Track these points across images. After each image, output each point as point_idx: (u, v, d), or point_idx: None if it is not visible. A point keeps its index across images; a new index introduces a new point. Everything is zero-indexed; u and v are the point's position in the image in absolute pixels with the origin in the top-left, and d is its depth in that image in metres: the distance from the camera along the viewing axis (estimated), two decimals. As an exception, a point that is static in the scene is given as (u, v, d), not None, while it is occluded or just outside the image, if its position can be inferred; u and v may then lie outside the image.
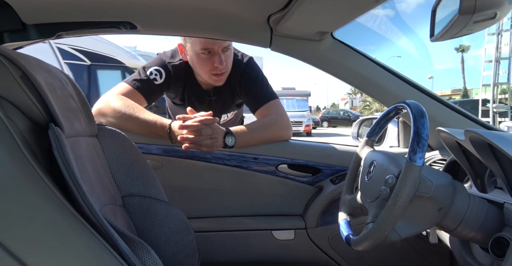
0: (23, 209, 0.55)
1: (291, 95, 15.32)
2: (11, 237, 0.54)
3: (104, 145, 0.94)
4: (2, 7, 0.86)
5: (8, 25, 0.89)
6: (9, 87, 0.61)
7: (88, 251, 0.57)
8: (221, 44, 1.16)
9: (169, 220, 0.95)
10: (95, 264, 0.57)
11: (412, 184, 0.67)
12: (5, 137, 0.57)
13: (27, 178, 0.56)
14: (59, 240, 0.56)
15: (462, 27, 0.54)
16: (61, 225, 0.56)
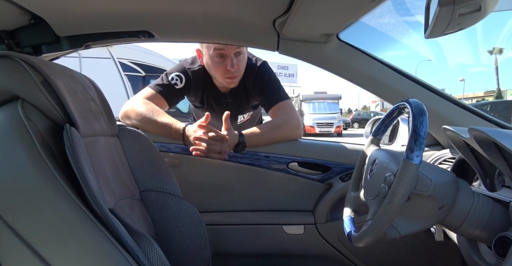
0: (36, 202, 0.58)
1: (323, 99, 15.41)
2: (24, 226, 0.57)
3: (124, 144, 0.96)
4: (39, 23, 0.91)
5: (44, 38, 0.95)
6: (30, 91, 0.64)
7: (92, 242, 0.58)
8: (232, 49, 1.17)
9: (182, 214, 0.96)
10: (98, 253, 0.58)
11: (408, 182, 0.63)
12: (24, 136, 0.60)
13: (41, 173, 0.58)
14: (66, 230, 0.58)
15: (448, 21, 0.50)
16: (68, 217, 0.58)
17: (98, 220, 0.61)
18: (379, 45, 1.15)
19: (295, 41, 1.02)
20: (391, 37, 27.26)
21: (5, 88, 0.64)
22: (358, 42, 1.05)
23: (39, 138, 0.62)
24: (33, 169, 0.59)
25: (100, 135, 0.85)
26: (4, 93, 0.64)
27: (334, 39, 1.02)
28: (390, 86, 1.04)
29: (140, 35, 0.99)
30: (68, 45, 0.99)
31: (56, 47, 0.98)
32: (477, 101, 21.87)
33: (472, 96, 29.62)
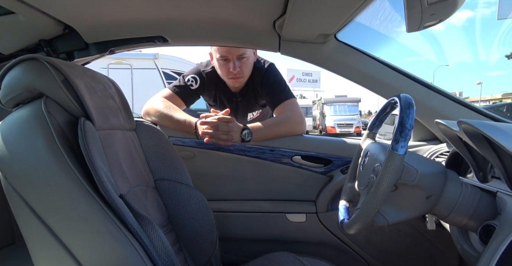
0: (51, 185, 0.59)
1: (343, 102, 15.41)
2: (40, 205, 0.58)
3: (141, 137, 0.98)
4: (71, 32, 0.96)
5: (75, 45, 0.99)
6: (52, 88, 0.66)
7: (99, 222, 0.59)
8: (235, 53, 1.17)
9: (191, 201, 0.96)
10: (103, 232, 0.59)
11: (393, 171, 0.59)
12: (44, 128, 0.62)
13: (56, 160, 0.60)
14: (76, 211, 0.59)
15: (420, 12, 0.45)
16: (78, 200, 0.59)
17: (105, 203, 0.62)
18: (398, 52, 1.09)
19: (295, 42, 0.99)
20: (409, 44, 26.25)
21: (32, 87, 0.66)
22: (378, 52, 1.01)
23: (58, 130, 0.64)
24: (49, 156, 0.61)
25: (118, 129, 0.86)
26: (32, 91, 0.67)
27: (332, 39, 0.98)
28: (386, 83, 0.98)
29: (155, 40, 1.00)
30: (95, 51, 1.02)
31: (86, 53, 1.02)
32: (493, 103, 20.35)
33: (490, 99, 27.55)
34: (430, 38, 35.55)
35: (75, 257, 0.58)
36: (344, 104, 15.29)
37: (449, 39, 50.12)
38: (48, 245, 0.58)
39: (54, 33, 0.92)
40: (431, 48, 49.48)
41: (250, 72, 1.25)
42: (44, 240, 0.59)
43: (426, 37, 32.78)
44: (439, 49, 49.82)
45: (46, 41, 0.92)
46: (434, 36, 37.63)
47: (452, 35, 61.05)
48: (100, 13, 0.87)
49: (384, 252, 1.11)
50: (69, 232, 0.59)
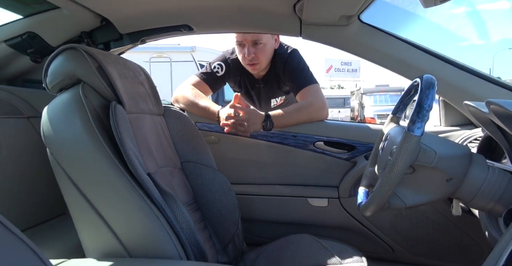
0: (87, 161, 0.66)
1: (384, 91, 14.41)
2: (79, 178, 0.66)
3: (169, 122, 1.04)
4: (107, 24, 1.04)
5: (111, 36, 1.08)
6: (88, 74, 0.74)
7: (128, 195, 0.66)
8: (249, 38, 1.18)
9: (215, 182, 1.01)
10: (132, 204, 0.66)
11: (408, 152, 0.58)
12: (81, 111, 0.69)
13: (91, 139, 0.67)
14: (108, 185, 0.66)
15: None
16: (110, 175, 0.66)
17: (133, 179, 0.68)
18: (452, 35, 1.01)
19: (316, 25, 0.98)
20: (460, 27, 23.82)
21: (72, 73, 0.74)
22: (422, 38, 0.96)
23: (93, 112, 0.72)
24: (86, 135, 0.68)
25: (146, 113, 0.94)
26: (72, 77, 0.75)
27: (356, 21, 0.95)
28: (414, 66, 0.94)
29: (181, 29, 1.05)
30: (128, 41, 1.10)
31: (120, 43, 1.10)
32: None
33: None
34: (491, 21, 31.70)
35: (110, 225, 0.66)
36: (386, 94, 14.30)
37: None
38: (87, 214, 0.67)
39: (93, 25, 1.01)
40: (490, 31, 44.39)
41: (268, 59, 1.26)
42: (84, 209, 0.67)
43: (486, 20, 29.34)
44: (499, 31, 44.33)
45: (86, 33, 1.02)
46: (494, 19, 33.43)
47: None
48: (132, 5, 0.94)
49: (410, 239, 1.09)
50: (104, 203, 0.67)
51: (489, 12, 27.10)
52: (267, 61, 1.26)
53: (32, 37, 0.97)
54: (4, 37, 0.96)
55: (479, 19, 28.36)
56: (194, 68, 5.06)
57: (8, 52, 0.99)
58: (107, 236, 0.66)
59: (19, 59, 1.03)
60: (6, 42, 0.97)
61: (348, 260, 0.90)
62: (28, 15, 0.94)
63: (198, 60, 5.22)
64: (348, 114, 15.11)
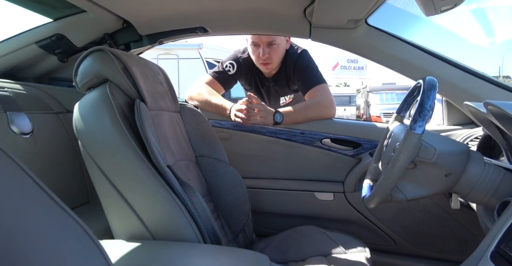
0: (115, 153, 0.72)
1: (391, 90, 14.09)
2: (108, 168, 0.72)
3: (184, 119, 1.10)
4: (128, 26, 1.10)
5: (132, 37, 1.14)
6: (114, 74, 0.80)
7: (151, 184, 0.72)
8: (265, 40, 1.23)
9: (227, 176, 1.06)
10: (155, 192, 0.72)
11: (410, 149, 0.63)
12: (109, 107, 0.76)
13: (118, 133, 0.73)
14: (134, 175, 0.72)
15: (429, 2, 0.47)
16: (135, 166, 0.72)
17: (156, 170, 0.74)
18: (459, 33, 1.03)
19: (325, 28, 1.02)
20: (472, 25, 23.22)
21: (99, 73, 0.80)
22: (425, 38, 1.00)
23: (119, 109, 0.78)
24: (113, 129, 0.74)
25: (165, 110, 1.00)
26: (99, 77, 0.82)
27: (363, 24, 0.99)
28: (419, 67, 0.97)
29: (197, 30, 1.11)
30: (147, 42, 1.16)
31: (140, 44, 1.16)
32: None
33: None
34: (497, 17, 30.56)
35: (136, 211, 0.72)
36: (392, 92, 13.99)
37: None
38: (115, 201, 0.73)
39: (115, 28, 1.07)
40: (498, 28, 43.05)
41: (280, 59, 1.31)
42: (112, 197, 0.73)
43: (497, 18, 28.30)
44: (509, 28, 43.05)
45: (109, 34, 1.08)
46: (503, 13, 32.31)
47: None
48: (152, 8, 1.00)
49: (412, 232, 1.13)
50: (130, 191, 0.73)
51: (497, 9, 26.36)
52: (279, 60, 1.31)
53: (60, 39, 1.03)
54: (36, 38, 1.03)
55: (486, 17, 27.69)
56: (201, 65, 5.12)
57: (38, 53, 1.06)
58: (133, 221, 0.72)
59: (47, 59, 1.10)
60: (36, 44, 1.04)
61: (352, 250, 0.96)
62: (57, 19, 1.01)
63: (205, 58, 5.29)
64: (353, 113, 14.91)
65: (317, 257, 0.95)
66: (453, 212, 1.05)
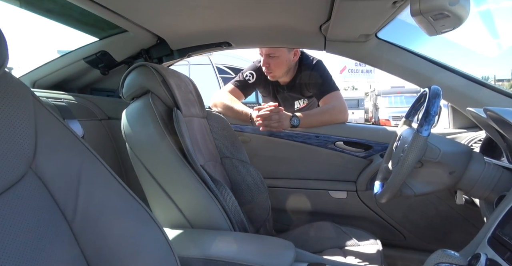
0: (158, 154, 0.82)
1: (400, 93, 13.70)
2: (152, 167, 0.82)
3: (210, 124, 1.19)
4: (162, 42, 1.21)
5: (164, 52, 1.24)
6: (155, 86, 0.90)
7: (189, 181, 0.81)
8: (265, 51, 1.33)
9: (248, 175, 1.14)
10: (192, 188, 0.81)
11: (417, 150, 0.70)
12: (152, 115, 0.86)
13: (161, 137, 0.83)
14: (175, 172, 0.82)
15: (431, 25, 0.55)
16: (176, 165, 0.82)
17: (192, 169, 0.84)
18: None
19: (339, 42, 1.10)
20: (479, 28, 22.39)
21: (142, 85, 0.91)
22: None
23: (160, 116, 0.88)
24: (156, 134, 0.84)
25: (195, 116, 1.10)
26: (142, 89, 0.92)
27: (373, 38, 1.07)
28: (426, 76, 1.04)
29: (222, 45, 1.21)
30: (178, 56, 1.27)
31: (171, 58, 1.27)
32: None
33: None
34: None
35: (176, 203, 0.82)
36: (401, 95, 13.60)
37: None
38: (158, 195, 0.83)
39: (150, 44, 1.19)
40: (507, 30, 41.27)
41: (281, 70, 1.38)
42: (156, 191, 0.83)
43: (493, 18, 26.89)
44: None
45: (145, 50, 1.20)
46: None
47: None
48: (183, 26, 1.10)
49: (420, 228, 1.18)
50: (171, 187, 0.83)
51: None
52: (281, 71, 1.39)
53: (103, 55, 1.15)
54: (83, 55, 1.16)
55: (492, 18, 26.56)
56: (211, 71, 5.21)
57: (84, 67, 1.19)
58: (174, 212, 0.82)
59: (90, 72, 1.22)
60: (84, 59, 1.16)
61: (365, 243, 1.02)
62: (103, 38, 1.13)
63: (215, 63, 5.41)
64: (362, 116, 14.68)
65: (332, 249, 1.02)
66: (458, 208, 1.10)
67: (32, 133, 0.45)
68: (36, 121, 0.47)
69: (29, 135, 0.45)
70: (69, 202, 0.47)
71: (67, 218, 0.47)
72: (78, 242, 0.48)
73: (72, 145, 0.51)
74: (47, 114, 0.49)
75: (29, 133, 0.45)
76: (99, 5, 0.84)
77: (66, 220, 0.47)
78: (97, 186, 0.51)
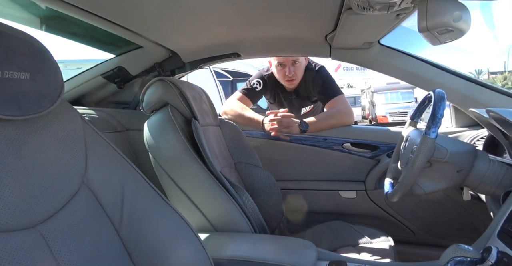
0: (180, 162, 0.87)
1: (396, 89, 13.80)
2: (176, 176, 0.86)
3: (223, 131, 1.23)
4: (174, 55, 1.25)
5: (177, 65, 1.29)
6: (174, 99, 0.95)
7: (211, 187, 0.85)
8: (290, 59, 1.36)
9: (262, 179, 1.18)
10: (214, 193, 0.85)
11: (426, 151, 0.73)
12: (172, 126, 0.90)
13: (182, 147, 0.87)
14: (196, 180, 0.86)
15: (436, 38, 0.59)
16: (197, 172, 0.86)
17: (213, 175, 0.89)
18: None
19: (343, 49, 1.14)
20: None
21: (162, 98, 0.96)
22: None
23: (180, 126, 0.92)
24: (177, 144, 0.88)
25: (210, 125, 1.14)
26: (162, 101, 0.97)
27: (376, 44, 1.11)
28: (427, 78, 1.08)
29: (231, 56, 1.25)
30: (189, 68, 1.31)
31: (183, 70, 1.32)
32: None
33: None
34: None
35: (199, 208, 0.86)
36: (397, 91, 13.68)
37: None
38: (182, 201, 0.87)
39: (163, 57, 1.23)
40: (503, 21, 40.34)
41: (302, 74, 1.43)
42: (180, 197, 0.87)
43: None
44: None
45: (158, 63, 1.24)
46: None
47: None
48: (194, 40, 1.14)
49: (429, 224, 1.22)
50: (194, 192, 0.87)
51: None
52: (301, 76, 1.44)
53: (120, 70, 1.20)
54: (101, 71, 1.20)
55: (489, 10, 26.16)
56: (209, 75, 5.24)
57: (102, 82, 1.23)
58: (198, 217, 0.86)
59: (107, 86, 1.27)
60: (102, 75, 1.21)
61: (377, 240, 1.06)
62: (119, 54, 1.17)
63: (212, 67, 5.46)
64: (359, 113, 14.59)
65: (346, 247, 1.06)
66: (464, 204, 1.14)
67: (83, 150, 0.50)
68: (85, 140, 0.51)
69: (81, 153, 0.50)
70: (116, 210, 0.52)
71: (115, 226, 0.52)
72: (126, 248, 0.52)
73: (115, 159, 0.55)
74: (93, 133, 0.53)
75: (81, 150, 0.50)
76: (119, 26, 0.89)
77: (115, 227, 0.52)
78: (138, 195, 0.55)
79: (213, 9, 0.81)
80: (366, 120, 15.15)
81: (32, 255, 0.38)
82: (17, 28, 0.43)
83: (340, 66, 19.44)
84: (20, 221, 0.39)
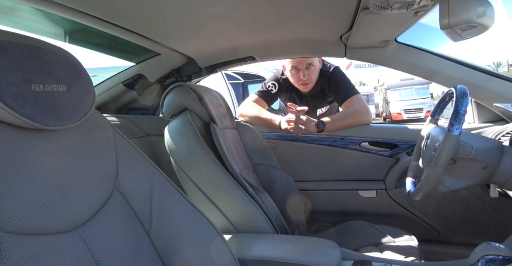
0: (200, 164, 0.88)
1: (410, 85, 13.32)
2: (196, 177, 0.88)
3: (240, 134, 1.25)
4: (191, 61, 1.27)
5: (193, 70, 1.31)
6: (193, 104, 0.97)
7: (230, 188, 0.86)
8: (304, 63, 1.35)
9: (281, 180, 1.18)
10: (234, 194, 0.86)
11: (450, 148, 0.72)
12: (191, 129, 0.92)
13: (201, 149, 0.89)
14: (216, 181, 0.87)
15: (458, 34, 0.57)
16: (217, 174, 0.87)
17: (232, 177, 0.90)
18: None
19: (358, 48, 1.13)
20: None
21: (181, 104, 0.98)
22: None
23: (199, 131, 0.94)
24: (197, 147, 0.90)
25: (227, 128, 1.15)
26: (181, 107, 0.99)
27: (393, 42, 1.08)
28: (447, 74, 1.05)
29: (247, 59, 1.26)
30: (205, 72, 1.33)
31: (199, 75, 1.34)
32: None
33: None
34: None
35: (221, 210, 0.87)
36: (411, 87, 13.16)
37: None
38: (204, 203, 0.88)
39: (180, 64, 1.26)
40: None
41: (316, 77, 1.42)
42: (201, 199, 0.88)
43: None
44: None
45: (175, 69, 1.27)
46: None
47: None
48: (211, 46, 1.16)
49: (454, 222, 1.18)
50: (215, 194, 0.88)
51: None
52: (315, 79, 1.43)
53: (139, 77, 1.23)
54: (122, 79, 1.24)
55: None
56: (220, 77, 5.30)
57: (122, 90, 1.27)
58: (220, 218, 0.87)
59: (127, 93, 1.31)
60: (122, 83, 1.24)
61: (400, 239, 1.04)
62: (139, 62, 1.21)
63: (224, 71, 5.51)
64: (372, 111, 14.30)
65: (368, 247, 1.04)
66: (491, 201, 1.09)
67: (114, 156, 0.52)
68: (115, 147, 0.53)
69: (112, 159, 0.52)
70: (146, 213, 0.53)
71: (145, 228, 0.53)
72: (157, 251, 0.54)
73: (143, 164, 0.57)
74: (121, 139, 0.55)
75: (112, 157, 0.52)
76: (139, 35, 0.92)
77: (145, 230, 0.53)
78: (165, 197, 0.57)
79: (228, 15, 0.82)
80: (380, 118, 14.82)
81: (75, 255, 0.40)
82: (52, 43, 0.45)
83: (351, 64, 19.10)
84: (60, 224, 0.41)
